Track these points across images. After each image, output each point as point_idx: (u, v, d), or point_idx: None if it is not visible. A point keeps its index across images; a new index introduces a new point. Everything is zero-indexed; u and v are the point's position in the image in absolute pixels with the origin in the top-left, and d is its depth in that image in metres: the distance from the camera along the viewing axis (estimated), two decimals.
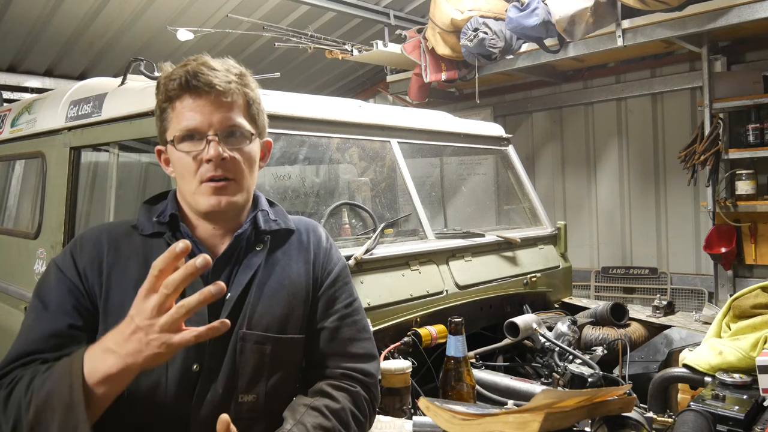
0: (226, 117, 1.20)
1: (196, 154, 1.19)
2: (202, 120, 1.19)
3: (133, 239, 1.26)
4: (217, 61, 1.24)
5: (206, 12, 5.00)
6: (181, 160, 1.21)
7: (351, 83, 7.24)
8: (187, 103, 1.19)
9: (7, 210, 3.38)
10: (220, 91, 1.19)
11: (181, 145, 1.20)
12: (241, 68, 1.27)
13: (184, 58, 1.25)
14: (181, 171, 1.22)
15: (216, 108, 1.19)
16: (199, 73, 1.18)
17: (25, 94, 5.29)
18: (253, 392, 1.25)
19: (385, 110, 3.17)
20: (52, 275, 1.22)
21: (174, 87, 1.19)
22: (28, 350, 1.14)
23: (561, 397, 1.28)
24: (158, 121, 1.26)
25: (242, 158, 1.23)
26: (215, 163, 1.19)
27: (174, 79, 1.19)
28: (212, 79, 1.18)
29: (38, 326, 1.17)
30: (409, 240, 2.60)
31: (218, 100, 1.19)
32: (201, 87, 1.18)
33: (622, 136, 5.58)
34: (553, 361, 2.20)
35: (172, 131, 1.21)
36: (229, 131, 1.21)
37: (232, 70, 1.23)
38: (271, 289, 1.29)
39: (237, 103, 1.23)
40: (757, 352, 1.65)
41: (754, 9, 3.66)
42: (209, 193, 1.20)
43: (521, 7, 4.24)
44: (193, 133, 1.19)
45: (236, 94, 1.22)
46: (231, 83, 1.21)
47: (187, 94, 1.19)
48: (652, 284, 5.40)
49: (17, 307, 2.75)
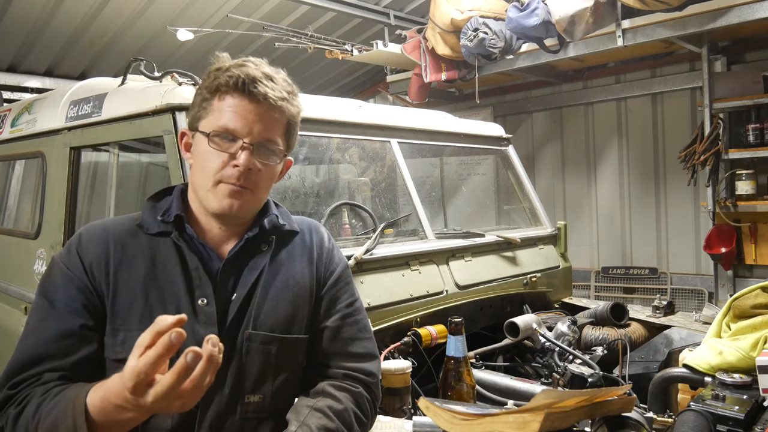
0: (266, 130, 1.20)
1: (225, 155, 1.19)
2: (243, 125, 1.18)
3: (139, 238, 1.25)
4: (274, 71, 1.23)
5: (206, 12, 5.00)
6: (208, 154, 1.20)
7: (351, 83, 7.24)
8: (235, 103, 1.19)
9: (7, 210, 3.38)
10: (271, 105, 1.19)
11: (216, 140, 1.19)
12: (293, 87, 1.27)
13: (226, 57, 1.24)
14: (203, 164, 1.21)
15: (260, 118, 1.19)
16: (258, 80, 1.18)
17: (25, 94, 5.29)
18: (259, 392, 1.25)
19: (385, 110, 3.17)
20: (58, 273, 1.20)
21: (227, 83, 1.18)
22: (38, 354, 1.12)
23: (561, 397, 1.28)
24: (197, 107, 1.24)
25: (266, 173, 1.23)
26: (241, 171, 1.18)
27: (231, 76, 1.18)
28: (269, 92, 1.18)
29: (47, 326, 1.14)
30: (409, 240, 2.60)
31: (266, 112, 1.19)
32: (256, 94, 1.18)
33: (622, 136, 5.58)
34: (553, 361, 2.20)
35: (210, 123, 1.20)
36: (264, 144, 1.21)
37: (286, 87, 1.23)
38: (276, 290, 1.28)
39: (280, 120, 1.23)
40: (757, 352, 1.65)
41: (754, 9, 3.66)
42: (225, 194, 1.19)
43: (521, 7, 4.23)
44: (232, 133, 1.19)
45: (284, 111, 1.22)
46: (284, 100, 1.21)
47: (239, 94, 1.18)
48: (652, 284, 5.40)
49: (17, 307, 2.75)
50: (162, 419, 1.18)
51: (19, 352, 1.14)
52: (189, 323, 1.18)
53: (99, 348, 1.17)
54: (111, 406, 0.95)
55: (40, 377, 1.10)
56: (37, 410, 1.03)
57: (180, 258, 1.23)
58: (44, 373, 1.10)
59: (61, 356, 1.12)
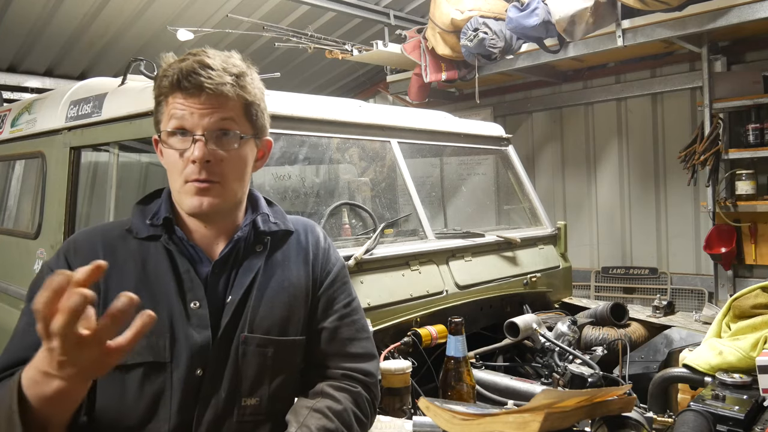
0: (215, 118, 1.17)
1: (182, 152, 1.17)
2: (190, 119, 1.16)
3: (129, 243, 1.24)
4: (217, 58, 1.19)
5: (206, 12, 5.00)
6: (170, 156, 1.19)
7: (351, 83, 7.24)
8: (177, 101, 1.17)
9: (7, 210, 3.38)
10: (210, 93, 1.16)
11: (170, 141, 1.19)
12: (242, 67, 1.22)
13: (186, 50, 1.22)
14: (169, 167, 1.21)
15: (206, 108, 1.16)
16: (192, 73, 1.15)
17: (25, 94, 5.29)
18: (256, 395, 1.24)
19: (385, 110, 3.17)
20: (45, 279, 1.20)
21: (166, 84, 1.17)
22: (23, 358, 1.10)
23: (561, 397, 1.28)
24: (154, 112, 1.24)
25: (230, 160, 1.20)
26: (200, 165, 1.16)
27: (167, 76, 1.17)
28: (203, 81, 1.15)
29: (32, 331, 1.12)
30: (409, 240, 2.60)
31: (209, 100, 1.17)
32: (190, 88, 1.15)
33: (622, 136, 5.58)
34: (553, 361, 2.20)
35: (164, 126, 1.20)
36: (219, 132, 1.18)
37: (230, 70, 1.19)
38: (272, 292, 1.28)
39: (229, 105, 1.19)
40: (757, 352, 1.65)
41: (754, 9, 3.66)
42: (192, 193, 1.18)
43: (521, 7, 4.24)
44: (180, 130, 1.17)
45: (228, 96, 1.18)
46: (225, 85, 1.17)
47: (178, 92, 1.17)
48: (652, 284, 5.40)
49: (17, 307, 2.75)
50: (158, 424, 1.18)
51: (3, 356, 1.13)
52: (182, 327, 1.19)
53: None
54: (38, 375, 0.94)
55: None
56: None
57: (170, 261, 1.22)
58: None
59: None
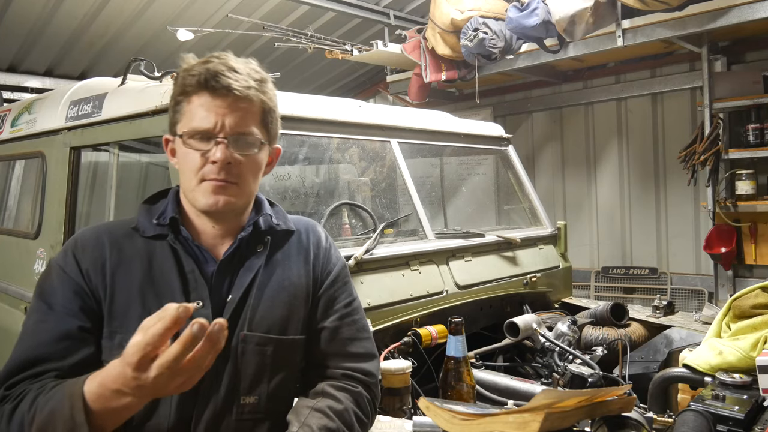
0: (238, 122, 1.19)
1: (203, 153, 1.18)
2: (215, 121, 1.18)
3: (135, 241, 1.25)
4: (240, 62, 1.22)
5: (206, 12, 5.00)
6: (188, 155, 1.20)
7: (351, 83, 7.24)
8: (202, 101, 1.18)
9: (7, 210, 3.38)
10: (237, 96, 1.18)
11: (190, 141, 1.19)
12: (263, 74, 1.25)
13: (208, 54, 1.23)
14: (185, 166, 1.22)
15: (230, 111, 1.18)
16: (219, 74, 1.17)
17: (25, 94, 5.29)
18: (254, 394, 1.25)
19: (385, 110, 3.17)
20: (55, 276, 1.20)
21: (192, 83, 1.18)
22: (36, 356, 1.12)
23: (561, 397, 1.28)
24: (171, 112, 1.25)
25: (248, 164, 1.22)
26: (220, 166, 1.18)
27: (194, 75, 1.18)
28: (231, 83, 1.17)
29: (44, 328, 1.15)
30: (409, 240, 2.60)
31: (234, 104, 1.18)
32: (219, 89, 1.17)
33: (622, 136, 5.58)
34: (553, 361, 2.20)
35: (184, 125, 1.21)
36: (239, 136, 1.20)
37: (253, 75, 1.22)
38: (272, 291, 1.28)
39: (252, 110, 1.21)
40: (757, 352, 1.65)
41: (754, 9, 3.66)
42: (209, 191, 1.19)
43: (521, 7, 4.23)
44: (204, 132, 1.18)
45: (253, 101, 1.21)
46: (250, 89, 1.19)
47: (204, 92, 1.18)
48: (652, 284, 5.40)
49: (17, 307, 2.75)
50: (158, 421, 1.18)
51: (16, 354, 1.14)
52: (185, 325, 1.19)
53: (96, 351, 1.17)
54: (109, 392, 0.95)
55: (37, 378, 1.10)
56: (32, 403, 1.03)
57: (176, 260, 1.23)
58: (41, 375, 1.10)
59: (59, 358, 1.12)
